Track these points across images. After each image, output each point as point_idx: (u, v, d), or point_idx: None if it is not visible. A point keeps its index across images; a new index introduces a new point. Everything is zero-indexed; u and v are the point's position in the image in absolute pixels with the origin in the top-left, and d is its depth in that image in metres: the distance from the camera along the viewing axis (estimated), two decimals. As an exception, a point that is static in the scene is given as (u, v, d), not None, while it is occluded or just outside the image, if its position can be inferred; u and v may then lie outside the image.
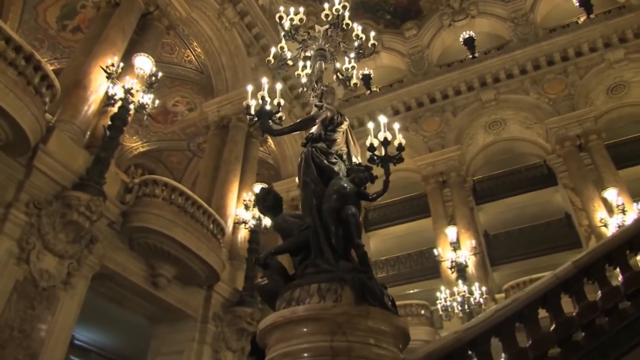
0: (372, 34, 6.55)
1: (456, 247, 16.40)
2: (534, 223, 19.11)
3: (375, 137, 5.14)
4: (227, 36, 16.97)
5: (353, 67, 6.32)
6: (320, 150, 5.03)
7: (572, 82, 18.77)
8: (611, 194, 15.81)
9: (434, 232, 18.75)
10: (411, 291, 20.02)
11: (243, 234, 14.54)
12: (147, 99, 10.63)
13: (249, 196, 14.40)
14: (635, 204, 15.26)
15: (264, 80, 5.56)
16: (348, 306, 3.51)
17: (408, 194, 21.68)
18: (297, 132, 5.65)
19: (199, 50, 17.05)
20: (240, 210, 14.45)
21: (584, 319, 4.48)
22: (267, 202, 4.89)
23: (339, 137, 5.31)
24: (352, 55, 6.28)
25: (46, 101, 8.96)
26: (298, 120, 5.55)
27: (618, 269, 4.85)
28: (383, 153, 4.90)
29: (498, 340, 4.41)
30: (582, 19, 20.02)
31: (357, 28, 6.43)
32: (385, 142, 4.82)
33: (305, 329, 3.50)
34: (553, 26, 20.61)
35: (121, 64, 10.77)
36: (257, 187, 14.92)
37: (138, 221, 10.18)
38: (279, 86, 5.73)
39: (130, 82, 10.27)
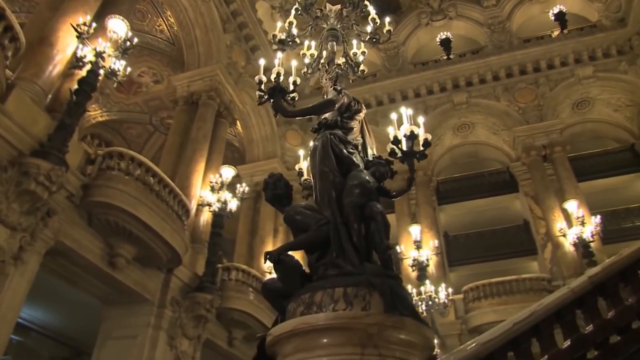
0: (387, 19, 6.15)
1: (419, 245, 16.47)
2: (493, 227, 19.46)
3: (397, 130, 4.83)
4: (204, 8, 16.13)
5: (363, 53, 5.90)
6: (339, 139, 4.63)
7: (542, 93, 19.12)
8: (572, 205, 16.24)
9: (397, 229, 18.70)
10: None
11: (206, 216, 13.94)
12: (119, 65, 9.84)
13: (215, 178, 13.82)
14: (592, 217, 15.73)
15: (279, 55, 5.06)
16: (381, 316, 3.14)
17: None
18: (310, 115, 5.18)
19: (172, 20, 16.12)
20: (206, 192, 13.82)
21: (599, 337, 4.34)
22: (278, 190, 4.44)
23: (356, 126, 4.92)
24: (366, 39, 5.86)
25: (8, 55, 8.07)
26: (316, 103, 5.08)
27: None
28: (406, 147, 4.58)
29: (514, 355, 4.21)
30: (555, 33, 20.44)
31: (372, 11, 6.04)
32: (412, 136, 4.48)
33: (330, 339, 3.11)
34: (528, 37, 20.92)
35: (93, 24, 9.87)
36: (224, 170, 14.34)
37: (100, 196, 9.42)
38: (294, 63, 5.25)
39: (102, 45, 9.47)
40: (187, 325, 11.66)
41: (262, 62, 5.23)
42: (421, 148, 4.55)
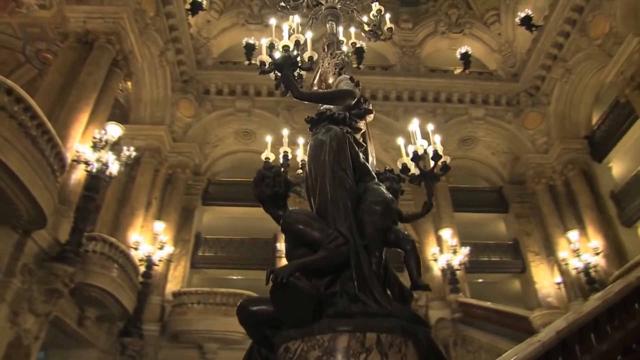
0: (388, 16, 5.56)
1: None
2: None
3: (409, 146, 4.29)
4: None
5: (380, 11, 5.22)
6: (355, 140, 3.93)
7: (437, 123, 20.02)
8: (446, 233, 17.26)
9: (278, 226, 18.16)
10: (234, 277, 19.15)
11: (79, 175, 11.99)
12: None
13: (100, 134, 11.99)
14: (462, 247, 16.88)
15: (296, 20, 4.17)
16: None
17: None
18: (321, 103, 4.34)
19: (80, -60, 13.67)
20: (85, 148, 11.89)
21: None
22: (278, 188, 3.58)
23: (363, 128, 4.25)
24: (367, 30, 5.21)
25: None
26: (332, 90, 4.29)
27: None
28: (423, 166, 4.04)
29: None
30: (458, 71, 21.67)
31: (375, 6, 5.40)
32: (436, 156, 3.95)
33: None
34: (433, 67, 21.87)
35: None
36: (111, 126, 12.55)
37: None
38: (309, 35, 4.38)
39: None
40: (37, 300, 9.81)
41: (272, 21, 4.30)
42: (430, 164, 4.05)
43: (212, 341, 14.53)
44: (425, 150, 4.08)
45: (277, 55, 3.97)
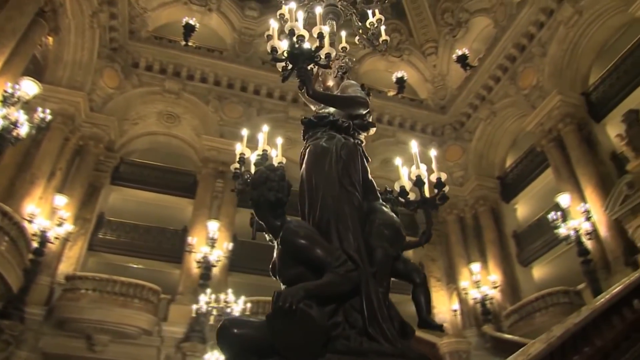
0: (383, 27, 5.34)
1: (213, 243, 15.54)
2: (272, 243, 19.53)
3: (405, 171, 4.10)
4: None
5: (380, 20, 4.95)
6: (364, 153, 3.64)
7: (248, 114, 19.39)
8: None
9: (192, 218, 17.34)
10: (135, 265, 17.88)
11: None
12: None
13: (13, 88, 10.64)
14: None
15: (292, 5, 3.78)
16: None
17: (174, 165, 19.66)
18: (334, 107, 3.97)
19: None
20: (-6, 102, 10.46)
21: None
22: (282, 195, 3.16)
23: (364, 141, 3.98)
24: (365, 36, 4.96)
25: None
26: (347, 95, 3.94)
27: None
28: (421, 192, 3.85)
29: None
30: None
31: (371, 16, 5.18)
32: (440, 184, 3.77)
33: None
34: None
35: None
36: (26, 83, 11.21)
37: None
38: (326, 28, 4.00)
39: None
40: None
41: (274, 24, 3.90)
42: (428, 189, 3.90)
43: (103, 333, 13.35)
44: (439, 180, 3.90)
45: (286, 44, 3.61)
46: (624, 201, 13.04)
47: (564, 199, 14.38)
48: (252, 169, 4.99)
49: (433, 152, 4.29)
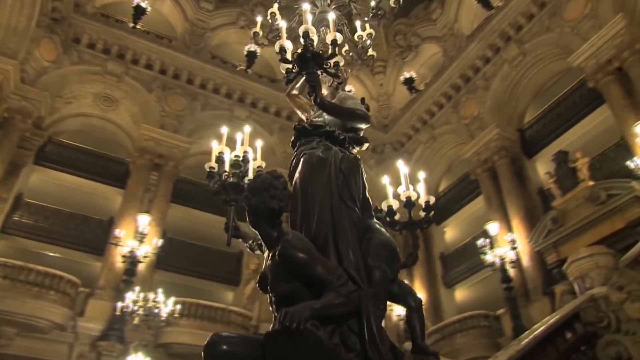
0: None
1: (142, 238, 14.82)
2: (209, 245, 19.02)
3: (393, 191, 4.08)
4: None
5: (370, 35, 4.86)
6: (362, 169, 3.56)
7: (193, 107, 18.97)
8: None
9: (120, 209, 16.45)
10: (51, 254, 16.61)
11: None
12: None
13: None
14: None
15: (306, 7, 3.66)
16: None
17: (106, 151, 18.57)
18: (338, 117, 3.84)
19: None
20: None
21: None
22: (284, 204, 2.98)
23: (358, 156, 3.90)
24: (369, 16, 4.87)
25: None
26: (354, 108, 3.82)
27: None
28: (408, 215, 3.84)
29: None
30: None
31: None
32: (429, 207, 3.77)
33: None
34: (219, 55, 20.85)
35: None
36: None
37: None
38: (331, 16, 3.87)
39: None
40: None
41: (282, 24, 3.75)
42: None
43: (10, 325, 12.23)
44: (427, 203, 3.91)
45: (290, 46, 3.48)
46: (547, 235, 13.97)
47: (493, 227, 15.10)
48: (223, 169, 4.69)
49: (422, 175, 4.28)
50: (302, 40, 3.39)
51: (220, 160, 4.33)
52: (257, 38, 5.03)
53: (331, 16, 3.80)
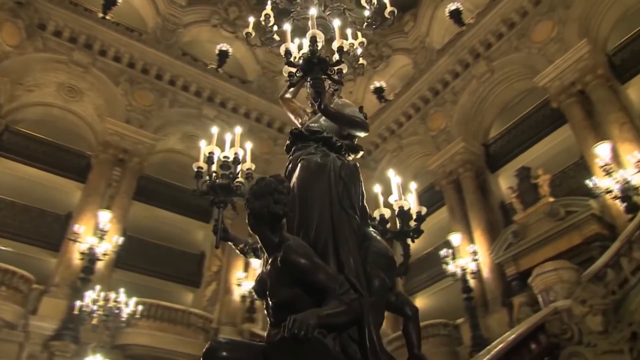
0: None
1: (102, 235, 14.35)
2: (171, 245, 18.63)
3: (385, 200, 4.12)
4: None
5: (362, 44, 4.87)
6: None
7: (161, 103, 18.59)
8: (257, 260, 17.21)
9: (80, 204, 15.90)
10: (2, 247, 15.83)
11: None
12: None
13: None
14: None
15: (312, 12, 3.66)
16: None
17: (67, 143, 17.90)
18: (339, 124, 3.82)
19: None
20: None
21: None
22: (289, 210, 2.94)
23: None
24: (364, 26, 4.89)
25: None
26: (356, 116, 3.82)
27: None
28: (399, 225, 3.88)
29: None
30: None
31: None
32: (420, 217, 3.81)
33: None
34: (190, 53, 20.53)
35: None
36: None
37: None
38: (336, 23, 3.89)
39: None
40: None
41: (287, 27, 3.73)
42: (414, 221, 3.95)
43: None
44: (419, 214, 3.96)
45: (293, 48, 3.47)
46: (508, 248, 14.40)
47: (455, 238, 15.44)
48: (210, 169, 4.60)
49: (413, 186, 4.34)
50: (301, 44, 3.41)
51: (210, 160, 4.27)
52: (249, 38, 4.99)
53: (336, 23, 3.81)
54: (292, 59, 3.45)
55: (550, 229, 13.28)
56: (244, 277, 16.93)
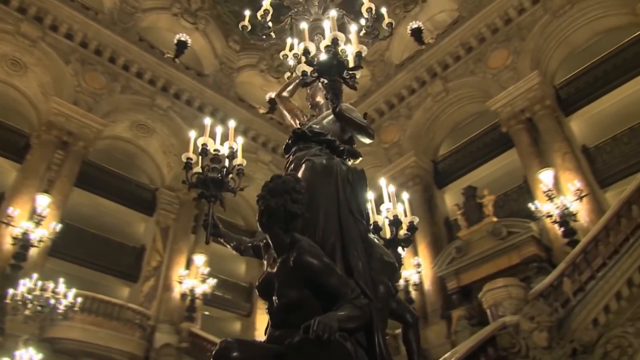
0: (384, 9, 5.19)
1: (39, 220, 13.57)
2: (110, 237, 17.85)
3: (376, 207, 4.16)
4: None
5: (360, 53, 4.83)
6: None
7: (111, 88, 17.75)
8: (200, 259, 16.93)
9: (15, 185, 14.97)
10: None
11: None
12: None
13: None
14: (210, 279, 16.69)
15: (332, 14, 3.66)
16: None
17: (4, 119, 16.68)
18: (352, 128, 3.82)
19: None
20: None
21: None
22: (305, 210, 2.89)
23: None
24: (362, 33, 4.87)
25: None
26: (361, 121, 3.82)
27: None
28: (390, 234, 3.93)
29: None
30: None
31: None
32: (412, 228, 3.88)
33: None
34: (150, 41, 19.84)
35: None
36: None
37: None
38: (353, 28, 3.88)
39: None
40: None
41: (304, 25, 3.71)
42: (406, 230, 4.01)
43: None
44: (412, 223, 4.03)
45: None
46: (451, 262, 14.93)
47: (400, 250, 15.79)
48: (198, 162, 4.44)
49: (405, 195, 4.42)
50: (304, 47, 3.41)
51: (203, 152, 4.13)
52: (245, 32, 4.91)
53: (353, 28, 3.83)
54: (290, 58, 3.45)
55: (492, 247, 13.90)
56: (185, 275, 16.50)
